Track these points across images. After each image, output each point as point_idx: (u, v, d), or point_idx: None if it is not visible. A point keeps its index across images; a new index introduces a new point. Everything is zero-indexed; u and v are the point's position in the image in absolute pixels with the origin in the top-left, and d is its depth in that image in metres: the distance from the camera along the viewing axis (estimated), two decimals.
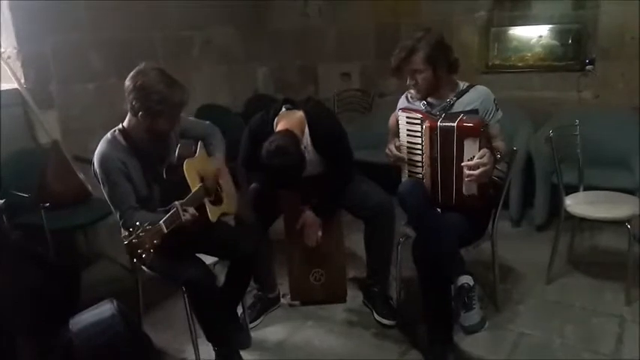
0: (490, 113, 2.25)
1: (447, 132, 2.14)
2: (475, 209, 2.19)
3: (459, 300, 2.36)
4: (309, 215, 2.52)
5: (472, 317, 2.37)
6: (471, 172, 2.08)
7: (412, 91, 2.33)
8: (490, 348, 2.31)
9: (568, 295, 2.67)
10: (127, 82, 1.95)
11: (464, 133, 2.10)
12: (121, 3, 3.46)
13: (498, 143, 2.24)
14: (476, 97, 2.27)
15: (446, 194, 2.22)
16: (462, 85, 2.32)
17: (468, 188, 2.15)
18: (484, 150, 2.09)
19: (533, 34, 3.79)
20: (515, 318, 2.50)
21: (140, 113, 1.96)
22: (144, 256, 1.71)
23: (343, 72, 4.55)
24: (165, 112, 1.95)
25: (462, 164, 2.11)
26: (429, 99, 2.31)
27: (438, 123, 2.16)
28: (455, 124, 2.11)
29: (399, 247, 2.50)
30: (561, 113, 3.48)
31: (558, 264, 2.84)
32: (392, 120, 2.41)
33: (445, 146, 2.16)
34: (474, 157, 2.09)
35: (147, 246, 1.71)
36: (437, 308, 2.19)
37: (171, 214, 1.85)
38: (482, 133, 2.10)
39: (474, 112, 2.23)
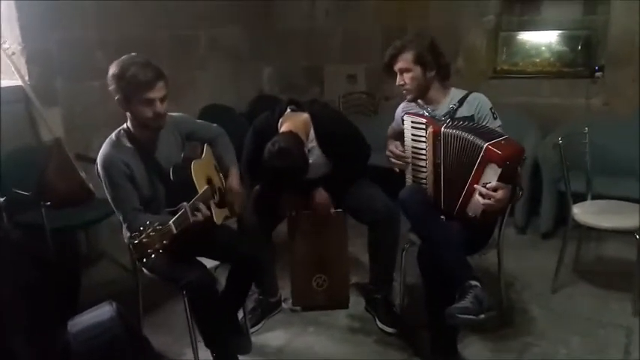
0: (484, 120, 2.21)
1: (452, 139, 2.09)
2: (473, 228, 2.13)
3: (459, 293, 2.05)
4: (320, 192, 2.47)
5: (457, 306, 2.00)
6: (481, 199, 2.00)
7: (404, 93, 2.30)
8: (494, 358, 2.27)
9: (574, 305, 2.64)
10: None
11: (489, 157, 1.98)
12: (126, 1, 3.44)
13: None
14: (473, 103, 2.24)
15: (448, 205, 2.16)
16: (459, 92, 2.29)
17: (473, 210, 2.07)
18: (501, 184, 1.97)
19: (542, 40, 3.75)
20: (520, 327, 2.47)
21: (119, 102, 1.93)
22: (153, 256, 1.70)
23: (349, 74, 4.52)
24: (131, 93, 1.89)
25: (475, 186, 2.03)
26: (430, 107, 2.28)
27: (442, 129, 2.12)
28: (485, 145, 1.98)
29: (404, 254, 2.47)
30: (570, 120, 3.44)
31: (564, 273, 2.80)
32: (390, 130, 2.45)
33: (449, 153, 2.11)
34: (487, 183, 2.00)
35: (156, 246, 1.70)
36: (441, 317, 2.14)
37: (180, 214, 1.82)
38: (506, 166, 1.95)
39: (470, 118, 2.20)
